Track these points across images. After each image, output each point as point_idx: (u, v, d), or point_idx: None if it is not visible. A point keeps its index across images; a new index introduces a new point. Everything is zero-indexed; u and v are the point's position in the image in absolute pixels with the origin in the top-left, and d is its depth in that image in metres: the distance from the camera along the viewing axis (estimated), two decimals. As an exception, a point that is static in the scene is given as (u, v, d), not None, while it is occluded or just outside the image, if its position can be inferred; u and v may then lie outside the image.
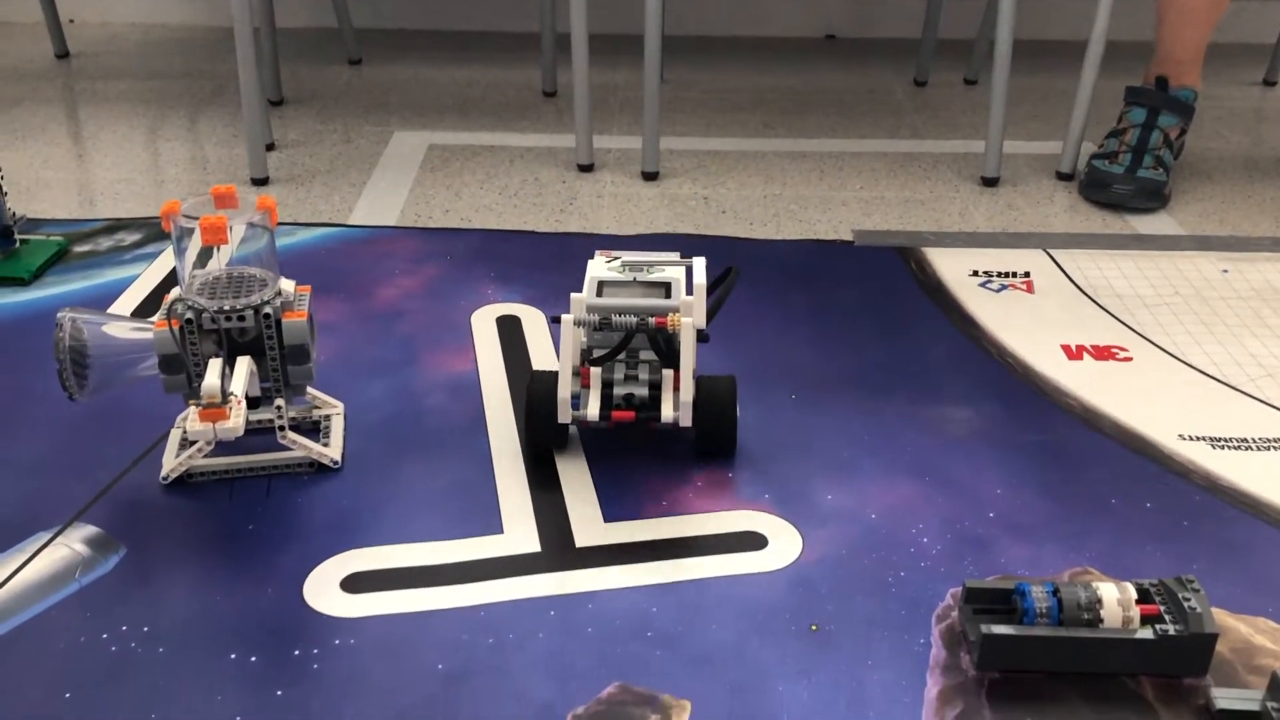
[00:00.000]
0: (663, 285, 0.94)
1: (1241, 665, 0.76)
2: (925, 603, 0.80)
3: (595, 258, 0.99)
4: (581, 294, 0.93)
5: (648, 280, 0.95)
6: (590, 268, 0.97)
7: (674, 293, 0.93)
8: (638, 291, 0.94)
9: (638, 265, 0.97)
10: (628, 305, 0.91)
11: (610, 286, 0.94)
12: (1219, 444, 0.99)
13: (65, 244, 1.30)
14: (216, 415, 0.80)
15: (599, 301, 0.92)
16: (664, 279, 0.94)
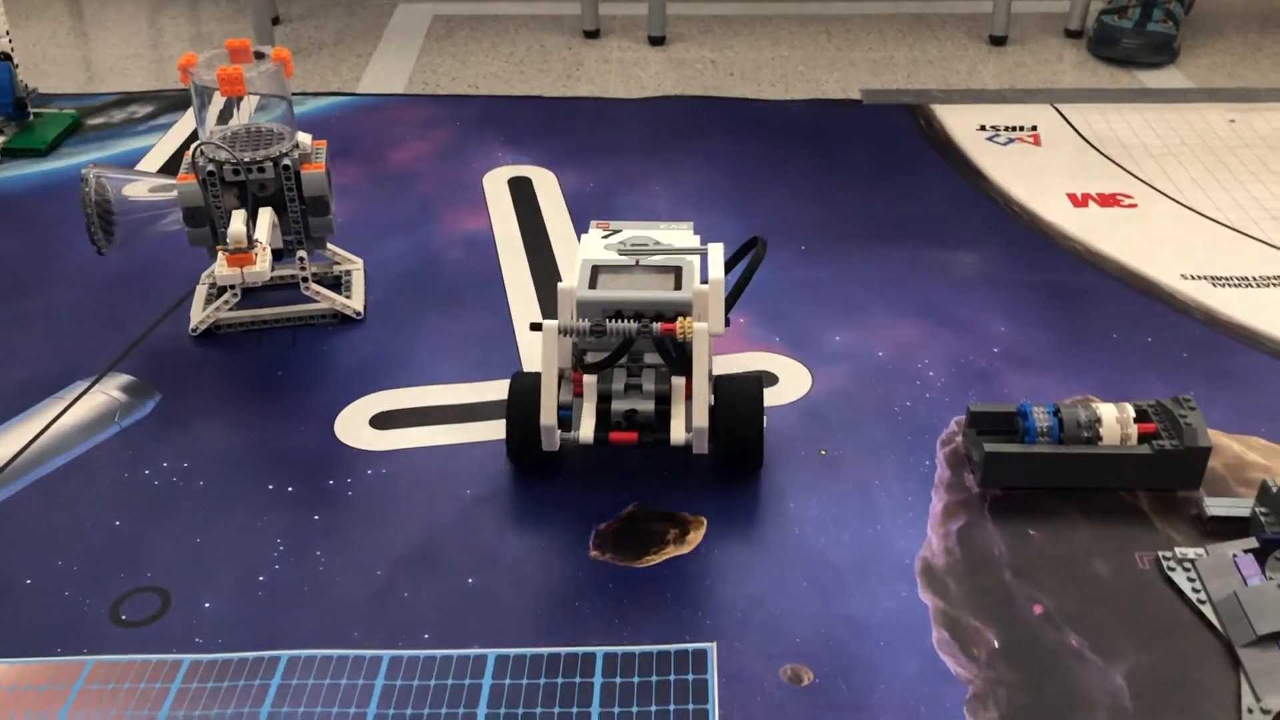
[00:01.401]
0: (671, 270, 0.78)
1: (1233, 479, 0.79)
2: (930, 429, 0.84)
3: (590, 230, 0.83)
4: (569, 283, 0.77)
5: (653, 265, 0.79)
6: (583, 244, 0.81)
7: (684, 281, 0.77)
8: (640, 281, 0.77)
9: (641, 243, 0.81)
10: (628, 300, 0.75)
11: (607, 273, 0.78)
12: (1220, 282, 1.01)
13: (78, 117, 1.31)
14: (243, 260, 0.83)
15: (593, 295, 0.76)
16: (672, 263, 0.79)
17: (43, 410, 0.86)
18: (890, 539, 0.74)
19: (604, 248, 0.80)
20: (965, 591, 0.71)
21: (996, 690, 0.65)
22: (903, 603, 0.70)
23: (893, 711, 0.63)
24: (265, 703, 0.64)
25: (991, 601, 0.70)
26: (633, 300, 0.75)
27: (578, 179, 1.19)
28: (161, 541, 0.74)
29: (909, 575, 0.72)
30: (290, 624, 0.68)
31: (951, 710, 0.63)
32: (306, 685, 0.65)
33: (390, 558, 0.73)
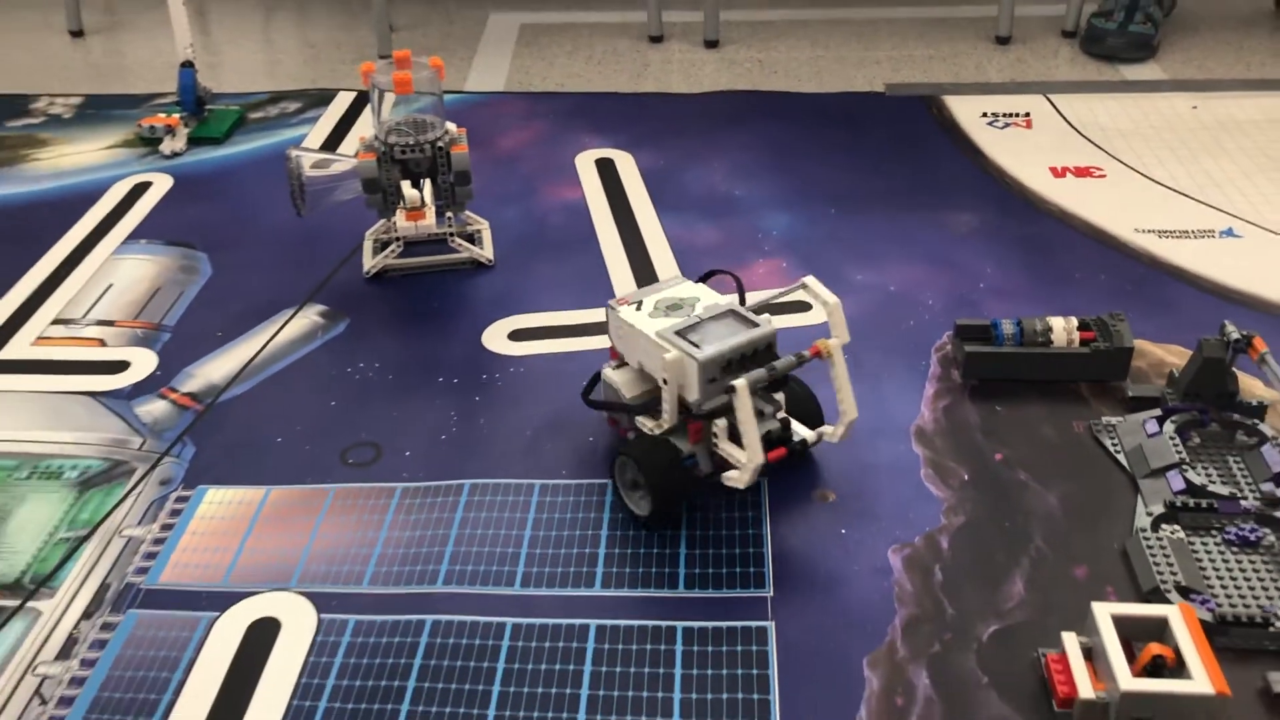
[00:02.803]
0: (728, 314, 0.91)
1: (1154, 374, 1.06)
2: (928, 340, 1.11)
3: (618, 310, 0.92)
4: (676, 353, 0.86)
5: (710, 316, 0.90)
6: (636, 322, 0.90)
7: (749, 318, 0.90)
8: (721, 330, 0.88)
9: (672, 302, 0.93)
10: (738, 345, 0.86)
11: (690, 333, 0.88)
12: (1165, 234, 1.28)
13: (242, 112, 1.61)
14: (418, 216, 1.12)
15: (712, 354, 0.85)
16: (718, 306, 0.92)
17: (263, 330, 1.16)
18: (894, 413, 1.02)
19: (650, 318, 0.91)
20: (946, 445, 0.98)
21: (965, 504, 0.92)
22: (901, 453, 0.98)
23: (892, 517, 0.91)
24: (456, 514, 0.93)
25: (965, 451, 0.98)
26: (741, 344, 0.87)
27: (650, 158, 1.47)
28: (368, 414, 1.04)
29: (906, 435, 0.99)
30: (467, 464, 0.97)
31: (933, 516, 0.91)
32: (484, 502, 0.94)
33: (533, 423, 1.02)
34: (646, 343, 0.89)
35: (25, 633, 0.83)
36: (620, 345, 0.95)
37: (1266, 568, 0.85)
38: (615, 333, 0.94)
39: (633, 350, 0.93)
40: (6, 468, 0.98)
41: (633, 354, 0.93)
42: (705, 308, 0.92)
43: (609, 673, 0.79)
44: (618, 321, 0.93)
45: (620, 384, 0.94)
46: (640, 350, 0.91)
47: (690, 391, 0.87)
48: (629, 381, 0.94)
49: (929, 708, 0.77)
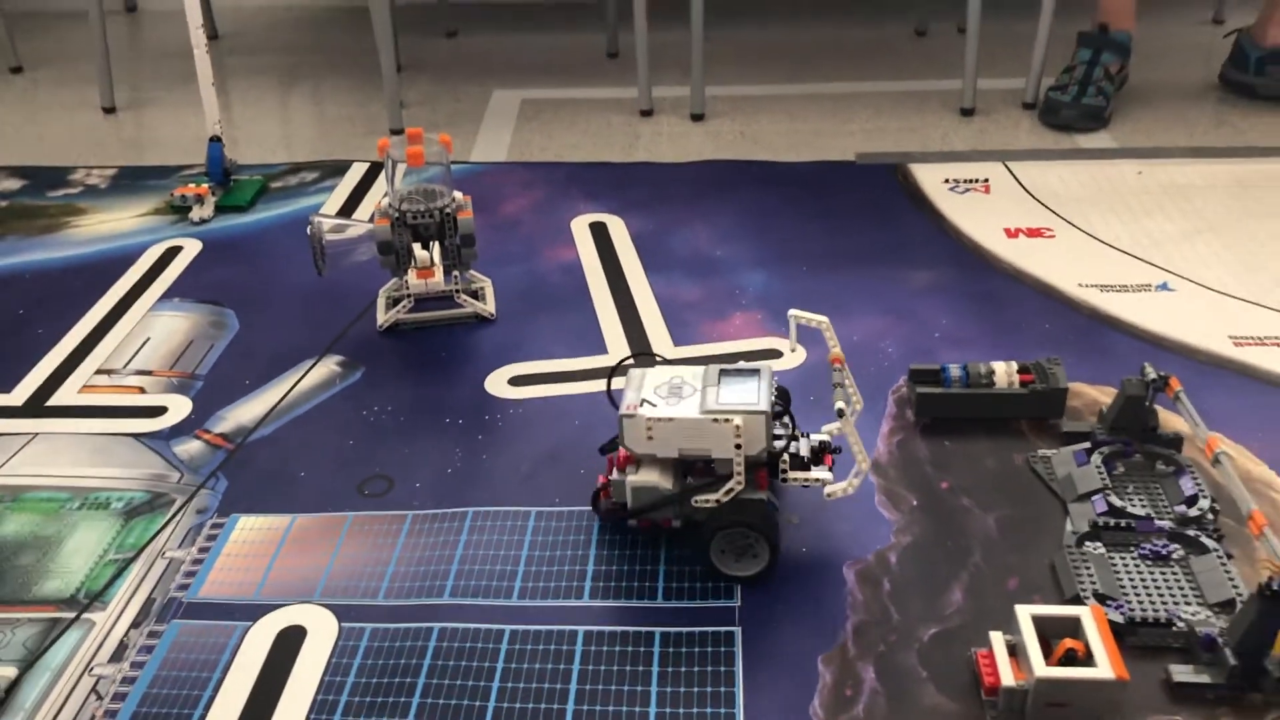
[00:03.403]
0: (721, 371, 0.99)
1: (1088, 412, 1.18)
2: (886, 383, 1.23)
3: (639, 416, 0.94)
4: (754, 411, 0.93)
5: (710, 380, 0.98)
6: (673, 414, 0.94)
7: (735, 367, 0.99)
8: (742, 382, 0.97)
9: (668, 386, 0.98)
10: (772, 381, 0.97)
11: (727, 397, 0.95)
12: (1105, 289, 1.40)
13: (264, 182, 1.75)
14: (428, 274, 1.25)
15: (768, 401, 0.95)
16: (702, 372, 0.99)
17: (287, 378, 1.28)
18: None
19: (672, 406, 0.95)
20: (899, 475, 1.10)
21: (913, 526, 1.04)
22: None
23: (848, 537, 1.03)
24: (461, 536, 1.04)
25: (915, 480, 1.09)
26: (771, 385, 0.98)
27: (640, 222, 1.61)
28: (382, 451, 1.16)
29: (863, 467, 1.11)
30: (471, 494, 1.09)
31: (884, 536, 1.03)
32: (486, 526, 1.05)
33: (530, 458, 1.14)
34: (697, 425, 0.94)
35: (82, 640, 0.95)
36: (649, 447, 0.96)
37: (1175, 578, 0.96)
38: (640, 437, 0.95)
39: (671, 443, 0.95)
40: (60, 499, 1.10)
41: (670, 447, 0.95)
42: (694, 376, 0.99)
43: (595, 671, 0.90)
44: (644, 424, 0.94)
45: (656, 481, 0.96)
46: (688, 437, 0.94)
47: (759, 443, 0.94)
48: (661, 476, 0.97)
49: (874, 698, 0.88)
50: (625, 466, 0.99)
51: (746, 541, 0.97)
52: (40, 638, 0.95)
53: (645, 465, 0.98)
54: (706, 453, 0.96)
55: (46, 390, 1.27)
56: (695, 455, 0.96)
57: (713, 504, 0.97)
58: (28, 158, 1.89)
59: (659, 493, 0.97)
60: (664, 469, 0.98)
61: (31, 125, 2.03)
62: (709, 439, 0.94)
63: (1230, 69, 1.98)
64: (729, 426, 0.93)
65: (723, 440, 0.94)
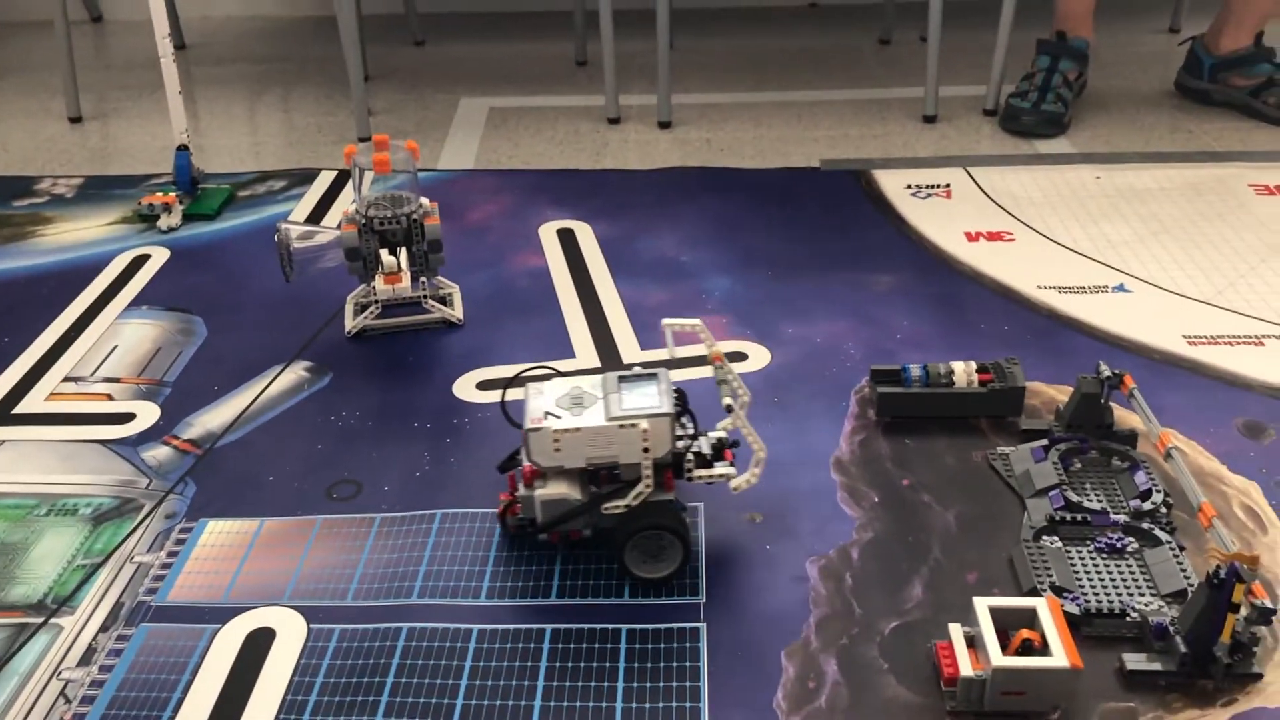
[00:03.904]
0: (620, 378, 0.99)
1: (1046, 410, 1.20)
2: (848, 384, 1.25)
3: (545, 429, 0.95)
4: (660, 414, 0.94)
5: (610, 388, 0.98)
6: (579, 424, 0.94)
7: (633, 372, 1.00)
8: (643, 387, 0.98)
9: (570, 397, 0.98)
10: (670, 384, 0.98)
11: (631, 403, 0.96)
12: (1064, 290, 1.43)
13: (232, 190, 1.76)
14: (395, 280, 1.26)
15: (671, 404, 0.96)
16: (601, 380, 1.00)
17: (255, 384, 1.28)
18: (815, 446, 1.16)
19: (577, 417, 0.95)
20: (860, 473, 1.12)
21: (874, 522, 1.06)
22: (820, 479, 1.11)
23: (810, 534, 1.04)
24: (430, 538, 1.05)
25: (876, 478, 1.11)
26: (671, 388, 0.99)
27: (607, 228, 1.62)
28: (351, 455, 1.16)
29: (825, 465, 1.13)
30: (439, 496, 1.10)
31: (846, 533, 1.04)
32: (454, 528, 1.06)
33: (498, 461, 1.15)
34: (604, 433, 0.94)
35: (50, 644, 0.95)
36: (557, 459, 0.96)
37: (1130, 570, 0.98)
38: (547, 450, 0.95)
39: (579, 453, 0.95)
40: (27, 505, 1.10)
41: (578, 457, 0.96)
42: (594, 386, 0.99)
43: (562, 668, 0.92)
44: (550, 437, 0.95)
45: (565, 493, 0.97)
46: (595, 445, 0.95)
47: (665, 445, 0.96)
48: (570, 488, 0.97)
49: (836, 690, 0.89)
50: (532, 481, 0.99)
51: (660, 543, 0.98)
52: (8, 643, 0.95)
53: (553, 478, 0.98)
54: (614, 459, 0.96)
55: (13, 398, 1.27)
56: (603, 463, 0.97)
57: (623, 509, 0.98)
58: (-7, 167, 1.89)
59: (569, 504, 0.97)
60: (572, 480, 0.98)
61: (-4, 135, 2.02)
62: (616, 445, 0.95)
63: (1185, 76, 2.03)
64: (636, 431, 0.94)
65: (630, 445, 0.95)
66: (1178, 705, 0.87)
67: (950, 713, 0.87)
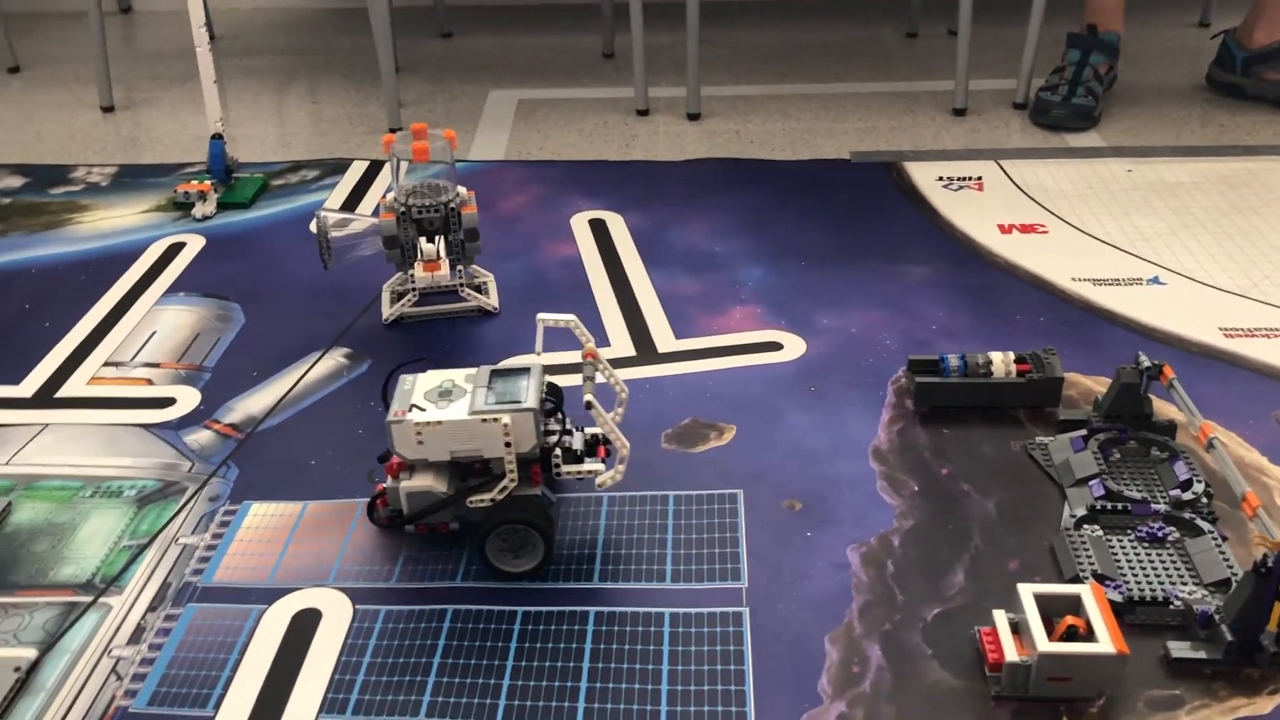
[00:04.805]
0: (491, 372, 1.00)
1: (1083, 401, 1.20)
2: (885, 374, 1.26)
3: (407, 421, 0.95)
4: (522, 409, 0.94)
5: (480, 381, 0.98)
6: (441, 417, 0.94)
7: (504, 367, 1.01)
8: (511, 381, 0.98)
9: (438, 390, 0.98)
10: (542, 380, 0.99)
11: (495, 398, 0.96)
12: (1098, 282, 1.43)
13: (265, 179, 1.77)
14: (434, 268, 1.27)
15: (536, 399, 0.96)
16: (474, 373, 1.00)
17: (294, 369, 1.29)
18: (853, 435, 1.16)
19: (442, 410, 0.96)
20: (899, 462, 1.12)
21: (914, 511, 1.06)
22: (858, 468, 1.11)
23: (850, 522, 1.05)
24: (471, 522, 1.06)
25: (915, 467, 1.11)
26: (541, 383, 1.00)
27: (638, 219, 1.63)
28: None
29: (864, 454, 1.13)
30: (480, 482, 1.11)
31: (886, 520, 1.05)
32: (495, 512, 1.07)
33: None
34: (466, 427, 0.94)
35: (100, 623, 0.96)
36: (420, 451, 0.96)
37: (1171, 559, 0.98)
38: (409, 442, 0.96)
39: (442, 446, 0.96)
40: (72, 488, 1.12)
41: (441, 450, 0.96)
42: (465, 379, 0.99)
43: (606, 650, 0.92)
44: (413, 429, 0.95)
45: (430, 485, 0.97)
46: (458, 439, 0.95)
47: (530, 440, 0.96)
48: (435, 480, 0.98)
49: (880, 675, 0.90)
50: (398, 473, 0.99)
51: (522, 538, 0.98)
52: (58, 621, 0.96)
53: (419, 470, 0.98)
54: (478, 454, 0.96)
55: (55, 382, 1.28)
56: (467, 457, 0.97)
57: (488, 503, 0.98)
58: (27, 156, 1.90)
59: (434, 496, 0.98)
60: (438, 472, 0.98)
61: (30, 124, 2.04)
62: (479, 440, 0.95)
63: (1217, 70, 2.02)
64: (498, 426, 0.94)
65: (492, 440, 0.95)
66: (1223, 693, 0.88)
67: (995, 698, 0.87)
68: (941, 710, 0.87)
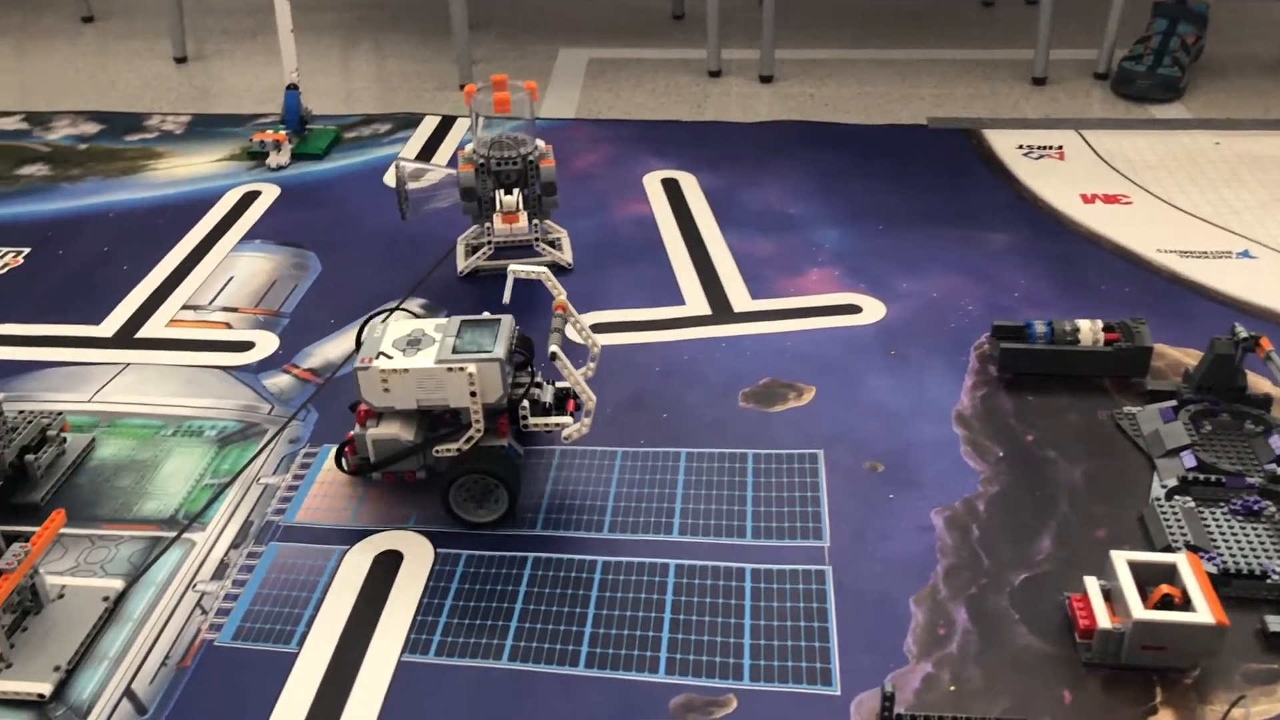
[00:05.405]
0: (462, 321, 1.00)
1: (1171, 372, 1.18)
2: (968, 339, 1.24)
3: (373, 368, 0.95)
4: (490, 359, 0.94)
5: (450, 331, 0.98)
6: (408, 365, 0.95)
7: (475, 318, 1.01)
8: (482, 331, 0.99)
9: (407, 338, 0.98)
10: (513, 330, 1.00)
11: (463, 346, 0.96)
12: (1185, 254, 1.40)
13: (338, 131, 1.77)
14: (513, 219, 1.26)
15: (506, 348, 0.97)
16: (445, 324, 1.00)
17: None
18: (935, 399, 1.14)
19: (410, 358, 0.96)
20: (983, 427, 1.10)
21: (999, 476, 1.04)
22: (942, 432, 1.10)
23: (934, 485, 1.03)
24: (550, 473, 1.06)
25: (999, 433, 1.10)
26: (512, 334, 1.01)
27: (711, 180, 1.61)
28: (468, 390, 1.17)
29: (947, 418, 1.12)
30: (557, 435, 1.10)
31: (971, 485, 1.03)
32: (573, 464, 1.07)
33: (613, 401, 1.15)
34: (432, 375, 0.94)
35: (184, 558, 0.97)
36: (387, 399, 0.96)
37: (1267, 533, 0.96)
38: (375, 389, 0.96)
39: (409, 395, 0.96)
40: (154, 426, 1.13)
41: (408, 398, 0.96)
42: (435, 329, 0.99)
43: (687, 603, 0.92)
44: (379, 377, 0.95)
45: (396, 433, 0.97)
46: (424, 388, 0.95)
47: (496, 390, 0.95)
48: (402, 428, 0.98)
49: (966, 637, 0.88)
50: (365, 420, 0.99)
51: (486, 488, 0.98)
52: (143, 554, 0.97)
53: (386, 418, 0.98)
54: (444, 403, 0.96)
55: (135, 323, 1.29)
56: (433, 406, 0.96)
57: (454, 453, 0.97)
58: (102, 103, 1.91)
59: (400, 444, 0.97)
60: (406, 421, 0.98)
61: (104, 73, 2.05)
62: (446, 389, 0.95)
63: (1307, 43, 1.96)
64: (463, 375, 0.94)
65: (459, 389, 0.94)
66: (1322, 669, 0.86)
67: (1086, 664, 0.85)
68: (1030, 674, 0.85)
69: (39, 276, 1.39)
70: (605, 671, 0.86)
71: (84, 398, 1.17)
